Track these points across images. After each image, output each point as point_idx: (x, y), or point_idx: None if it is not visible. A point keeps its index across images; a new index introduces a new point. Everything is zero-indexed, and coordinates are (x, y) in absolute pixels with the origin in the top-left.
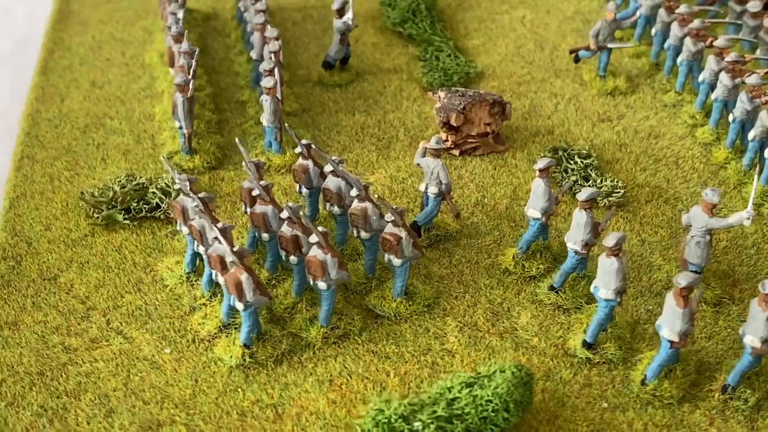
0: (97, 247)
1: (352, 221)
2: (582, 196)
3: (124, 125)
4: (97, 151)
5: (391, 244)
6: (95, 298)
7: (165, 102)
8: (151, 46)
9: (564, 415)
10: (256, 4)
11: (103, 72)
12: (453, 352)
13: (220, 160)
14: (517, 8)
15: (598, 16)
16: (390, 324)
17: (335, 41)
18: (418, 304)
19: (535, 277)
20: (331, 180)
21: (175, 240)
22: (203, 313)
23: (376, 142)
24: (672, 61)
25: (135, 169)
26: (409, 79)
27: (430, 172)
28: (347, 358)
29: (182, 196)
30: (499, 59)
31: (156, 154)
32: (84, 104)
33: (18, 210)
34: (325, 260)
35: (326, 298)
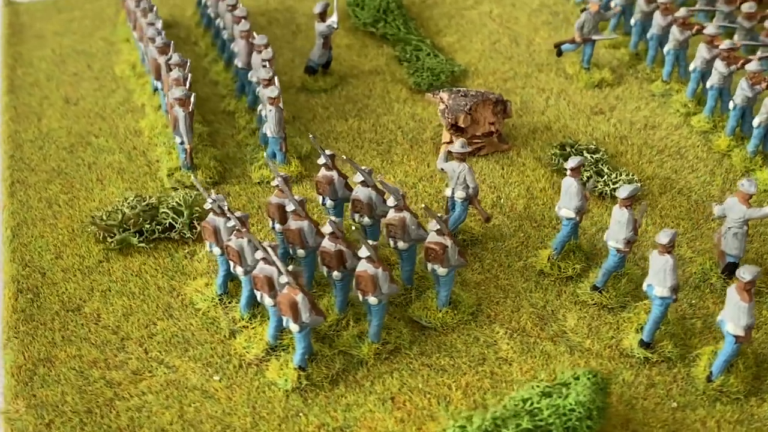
0: (115, 273)
1: (389, 232)
2: (623, 194)
3: (111, 143)
4: (89, 171)
5: (436, 253)
6: (127, 327)
7: (150, 116)
8: (118, 58)
9: (636, 418)
10: (235, 10)
11: (74, 87)
12: (509, 360)
13: (221, 174)
14: (482, 3)
15: (564, 8)
16: (438, 335)
17: (318, 45)
18: (462, 312)
19: (572, 278)
20: (361, 190)
21: (194, 261)
22: (246, 336)
23: (376, 147)
24: (655, 50)
25: (134, 188)
26: (393, 81)
27: (456, 176)
28: (403, 374)
29: (213, 216)
30: (478, 56)
31: (152, 171)
32: (63, 122)
33: (22, 239)
34: (376, 274)
35: (376, 313)
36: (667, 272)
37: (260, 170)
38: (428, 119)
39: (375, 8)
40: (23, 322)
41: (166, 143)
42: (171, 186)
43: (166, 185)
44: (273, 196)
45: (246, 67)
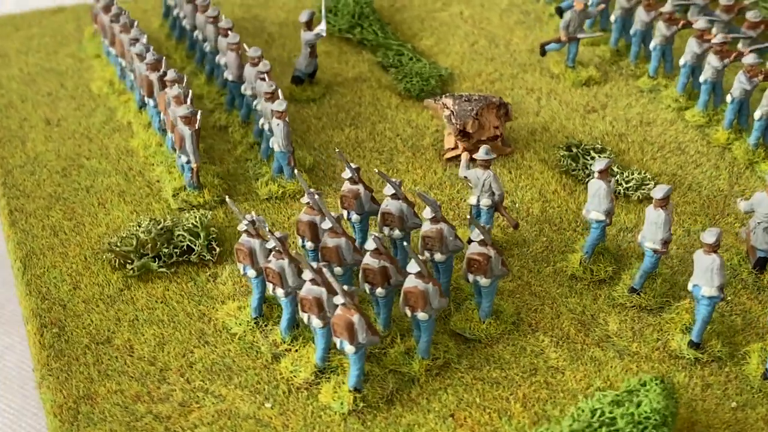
0: (139, 301)
1: (426, 244)
2: (658, 194)
3: (105, 164)
4: (88, 195)
5: (480, 264)
6: (164, 358)
7: (141, 135)
8: (91, 75)
9: (700, 421)
10: (217, 22)
11: (51, 108)
12: (560, 369)
13: (227, 191)
14: (451, 4)
15: (534, 8)
16: (483, 347)
17: (305, 54)
18: (505, 322)
19: (605, 281)
20: (392, 203)
21: (218, 283)
22: (291, 359)
23: (378, 156)
24: (638, 46)
25: (139, 211)
26: (381, 87)
27: (481, 184)
28: (458, 389)
29: (247, 238)
30: (460, 59)
31: (153, 192)
32: (49, 145)
33: (35, 270)
34: (426, 290)
35: (426, 329)
36: (714, 271)
37: (267, 186)
38: (424, 125)
39: (349, 14)
40: (54, 359)
41: (163, 162)
42: (178, 207)
43: (173, 206)
44: (303, 214)
45: (237, 80)
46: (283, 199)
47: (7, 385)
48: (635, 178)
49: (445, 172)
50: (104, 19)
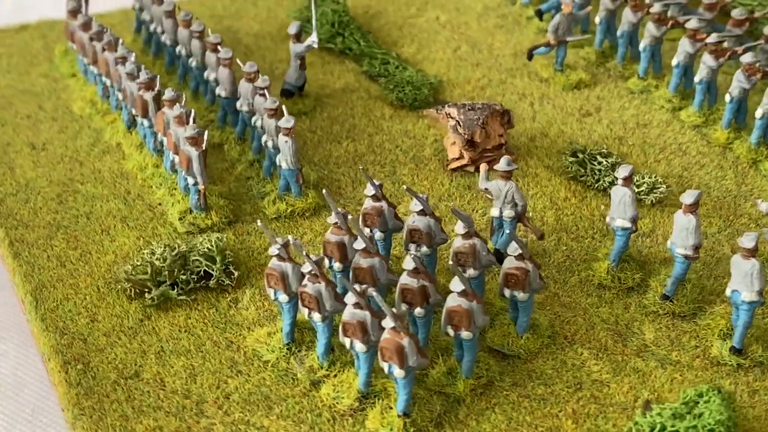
0: (162, 331)
1: (458, 260)
2: (689, 200)
3: (101, 189)
4: (89, 222)
5: (518, 279)
6: (198, 390)
7: (134, 156)
8: (69, 95)
9: (754, 428)
10: (203, 37)
11: (34, 131)
12: (605, 382)
13: (234, 212)
14: (426, 10)
15: (510, 11)
16: (523, 362)
17: (294, 67)
18: (541, 336)
19: (633, 288)
20: (419, 219)
21: (240, 309)
22: (331, 386)
23: (380, 170)
24: (625, 48)
25: (145, 237)
26: (371, 98)
27: (503, 195)
28: (505, 408)
29: (278, 262)
30: (445, 65)
31: (156, 215)
32: (39, 171)
33: (47, 304)
34: (471, 309)
35: (470, 348)
36: (754, 276)
37: (274, 205)
38: (422, 135)
39: (329, 23)
40: (84, 397)
41: (163, 184)
42: (185, 230)
43: (180, 230)
44: (330, 234)
45: (231, 96)
46: (292, 217)
47: (1, 392)
48: (646, 182)
49: (451, 183)
50: (83, 36)
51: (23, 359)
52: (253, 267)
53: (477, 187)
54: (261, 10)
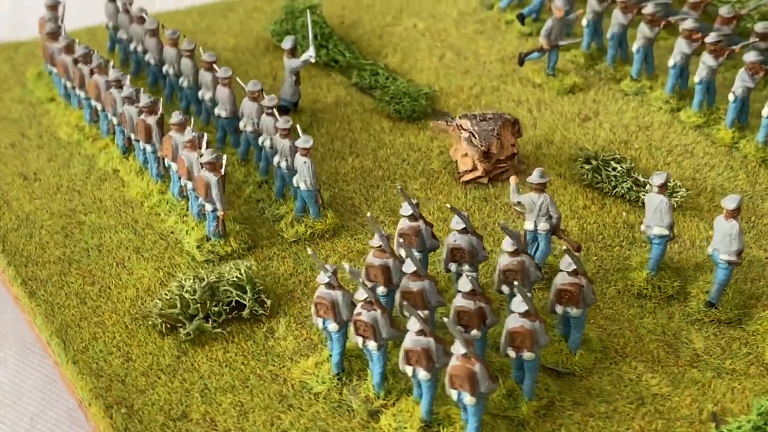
0: (202, 367)
1: (506, 278)
2: (731, 204)
3: (106, 219)
4: (101, 255)
5: (572, 295)
6: (252, 428)
7: (135, 183)
8: (51, 121)
9: None
10: (203, 55)
11: (23, 161)
12: (666, 395)
13: (251, 237)
14: (401, 18)
15: (487, 15)
16: (579, 380)
17: (289, 83)
18: (593, 351)
19: (673, 297)
20: (461, 237)
21: (278, 339)
22: (391, 416)
23: (391, 185)
24: (615, 49)
25: (162, 268)
26: (366, 111)
27: (537, 208)
28: (572, 429)
29: (327, 290)
30: (434, 74)
31: (171, 244)
32: (37, 203)
33: (76, 345)
34: (534, 329)
35: (532, 369)
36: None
37: (293, 228)
38: (427, 147)
39: (306, 36)
40: None
41: (173, 211)
42: (204, 259)
43: (198, 258)
44: (373, 257)
45: (232, 116)
46: (312, 239)
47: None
48: (670, 186)
49: (467, 196)
50: (65, 59)
51: (22, 367)
52: (281, 294)
53: (509, 200)
54: (232, 23)
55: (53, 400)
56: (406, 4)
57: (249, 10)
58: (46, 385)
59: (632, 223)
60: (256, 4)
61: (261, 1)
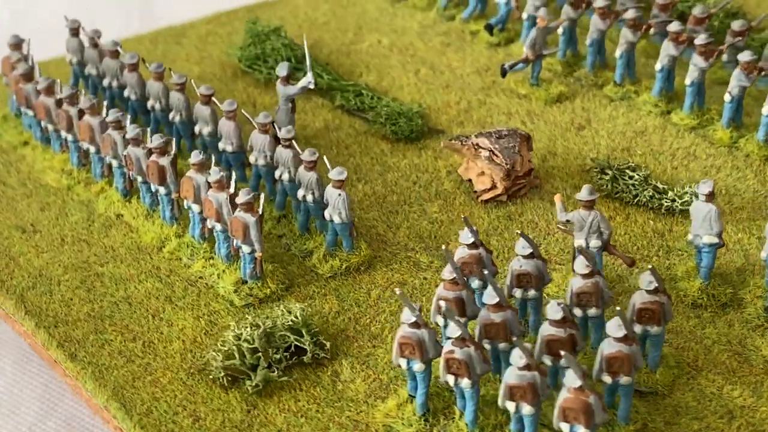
0: (277, 419)
1: (580, 300)
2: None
3: (125, 269)
4: (133, 308)
5: (653, 313)
6: None
7: (147, 227)
8: (31, 167)
9: None
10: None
11: (14, 213)
12: (752, 407)
13: (286, 275)
14: (362, 34)
15: (448, 27)
16: (662, 398)
17: (285, 110)
18: (670, 367)
19: (727, 304)
20: (527, 263)
21: (346, 382)
22: None
23: (410, 209)
24: (594, 56)
25: (202, 316)
26: (360, 134)
27: (588, 225)
28: None
29: (413, 330)
30: (416, 91)
31: (203, 290)
32: (45, 257)
33: (139, 409)
34: (632, 353)
35: (628, 393)
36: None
37: (327, 262)
38: (434, 168)
39: (285, 59)
40: None
41: (196, 255)
42: (244, 303)
43: (237, 303)
44: (445, 290)
45: (239, 150)
46: (349, 274)
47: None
48: (688, 192)
49: (489, 216)
50: (46, 101)
51: (20, 376)
52: (333, 334)
53: (557, 219)
54: (189, 49)
55: (51, 409)
56: (362, 21)
57: (202, 34)
58: (44, 395)
59: (661, 232)
60: (208, 27)
61: (212, 25)
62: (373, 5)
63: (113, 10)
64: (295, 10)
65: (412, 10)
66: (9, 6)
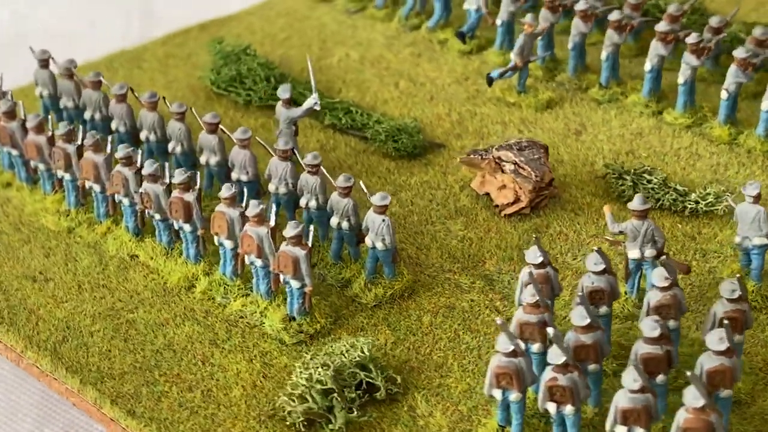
0: None
1: (660, 312)
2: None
3: (157, 313)
4: (177, 354)
5: (736, 321)
6: None
7: (169, 268)
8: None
9: None
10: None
11: (17, 260)
12: None
13: (330, 308)
14: (328, 49)
15: (414, 37)
16: (747, 406)
17: (288, 133)
18: (747, 373)
19: None
20: (599, 279)
21: (426, 417)
22: None
23: (431, 229)
24: (576, 60)
25: (254, 358)
26: (360, 153)
27: (642, 235)
28: None
29: (510, 359)
30: (402, 105)
31: (245, 329)
32: (68, 307)
33: None
34: (734, 366)
35: (727, 406)
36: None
37: (371, 291)
38: (445, 184)
39: (263, 80)
40: None
41: (231, 293)
42: (295, 341)
43: (287, 341)
44: (526, 314)
45: (255, 179)
46: (393, 301)
47: None
48: (711, 193)
49: (516, 229)
50: (37, 140)
51: (18, 383)
52: (397, 366)
53: (608, 231)
54: (152, 73)
55: (49, 416)
56: (324, 34)
57: (161, 57)
58: (41, 402)
59: (691, 235)
60: (165, 50)
61: (168, 46)
62: (329, 17)
63: (113, 11)
64: (251, 26)
65: (371, 21)
66: (9, 6)
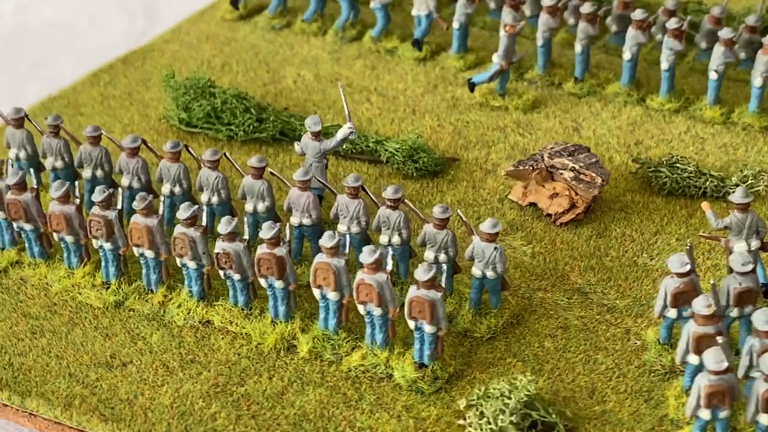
0: None
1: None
2: None
3: (267, 381)
4: (317, 425)
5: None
6: None
7: (257, 328)
8: (40, 289)
9: None
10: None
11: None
12: None
13: (451, 347)
14: (278, 72)
15: (362, 49)
16: None
17: (320, 168)
18: None
19: None
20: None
21: None
22: None
23: None
24: (545, 56)
25: (402, 416)
26: (376, 178)
27: (747, 227)
28: None
29: (719, 377)
30: (387, 122)
31: (371, 383)
32: (167, 390)
33: None
34: None
35: None
36: None
37: (482, 324)
38: (483, 199)
39: (242, 111)
40: None
41: (338, 348)
42: (433, 389)
43: (426, 390)
44: (702, 327)
45: (318, 222)
46: (507, 329)
47: None
48: (749, 175)
49: (579, 239)
50: (65, 210)
51: None
52: (548, 399)
53: (711, 228)
54: (99, 120)
55: None
56: (263, 57)
57: (98, 98)
58: None
59: None
60: (98, 90)
61: (100, 87)
62: (256, 37)
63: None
64: (177, 55)
65: (303, 37)
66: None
